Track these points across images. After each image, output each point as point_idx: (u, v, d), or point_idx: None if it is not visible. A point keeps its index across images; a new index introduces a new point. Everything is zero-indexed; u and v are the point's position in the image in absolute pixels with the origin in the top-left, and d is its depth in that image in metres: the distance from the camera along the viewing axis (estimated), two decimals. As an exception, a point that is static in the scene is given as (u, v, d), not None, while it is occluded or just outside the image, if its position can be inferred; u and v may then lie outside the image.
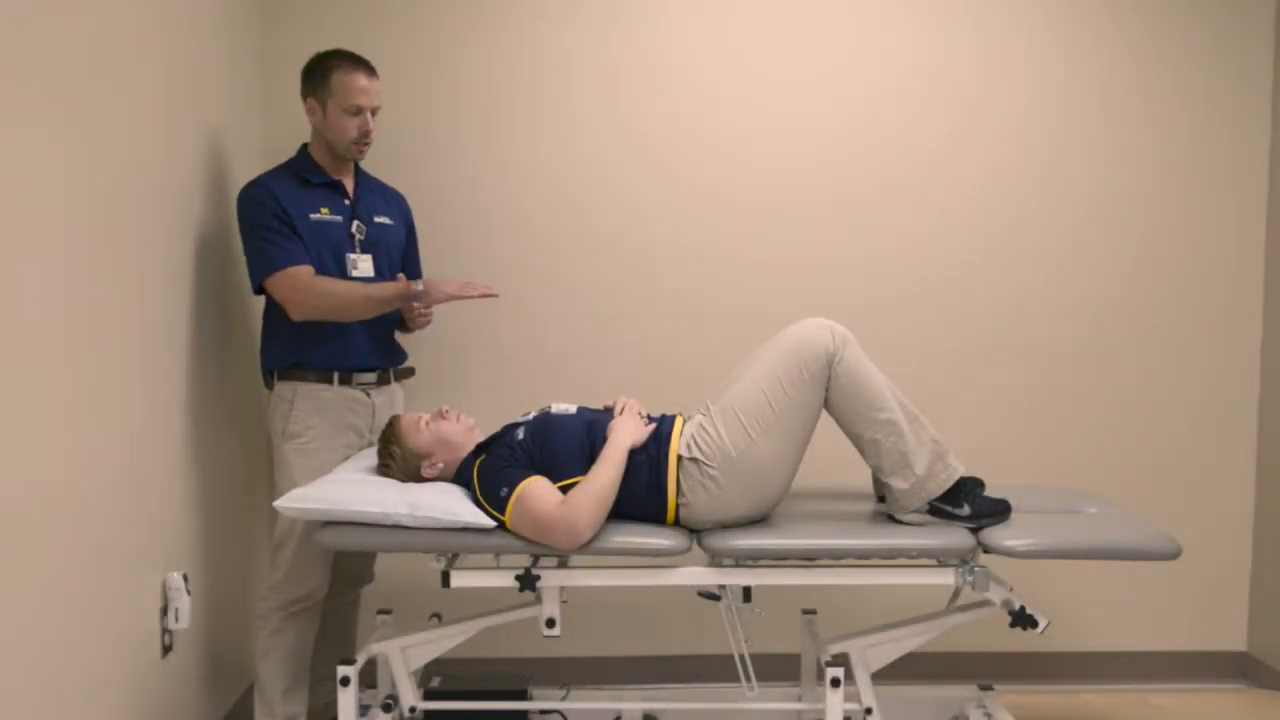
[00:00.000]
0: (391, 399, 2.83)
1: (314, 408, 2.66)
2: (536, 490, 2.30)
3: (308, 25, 3.15)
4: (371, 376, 2.74)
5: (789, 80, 3.24)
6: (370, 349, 2.73)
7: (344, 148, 2.69)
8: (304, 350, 2.65)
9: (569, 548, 2.29)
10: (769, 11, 3.23)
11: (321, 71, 2.66)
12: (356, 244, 2.71)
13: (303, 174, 2.70)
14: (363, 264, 2.71)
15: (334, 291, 2.60)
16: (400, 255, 2.85)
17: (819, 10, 3.24)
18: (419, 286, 2.63)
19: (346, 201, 2.73)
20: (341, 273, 2.67)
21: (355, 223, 2.72)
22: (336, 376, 2.68)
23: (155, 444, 2.42)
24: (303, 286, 2.58)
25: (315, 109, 2.68)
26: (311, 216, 2.65)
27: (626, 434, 2.42)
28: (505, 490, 2.31)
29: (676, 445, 2.44)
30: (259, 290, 2.65)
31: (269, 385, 2.73)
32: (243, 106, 3.04)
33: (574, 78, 3.22)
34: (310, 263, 2.61)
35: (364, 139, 2.68)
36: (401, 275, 2.70)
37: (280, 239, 2.59)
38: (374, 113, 2.69)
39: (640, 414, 2.54)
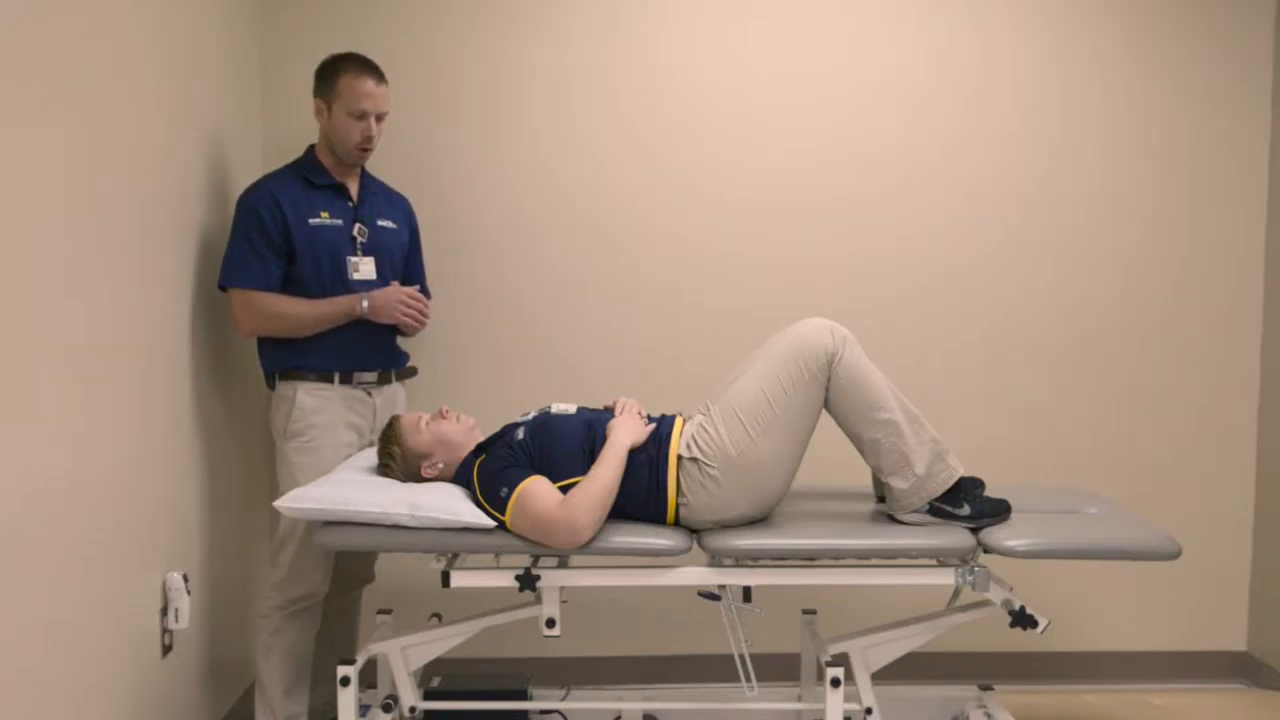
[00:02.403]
0: (393, 399, 2.83)
1: (315, 406, 2.66)
2: (536, 490, 2.30)
3: (308, 25, 3.15)
4: (372, 376, 2.75)
5: (790, 80, 3.24)
6: (367, 352, 2.73)
7: (345, 151, 2.70)
8: (302, 353, 2.66)
9: (569, 547, 2.29)
10: (769, 14, 3.23)
11: (331, 73, 2.68)
12: (358, 247, 2.71)
13: (307, 175, 2.71)
14: (364, 267, 2.71)
15: (283, 313, 2.63)
16: (403, 258, 2.85)
17: (819, 11, 3.24)
18: (365, 303, 2.64)
19: (350, 204, 2.74)
20: (340, 277, 2.68)
21: (357, 225, 2.72)
22: (337, 376, 2.69)
23: (155, 444, 2.42)
24: (254, 310, 2.63)
25: (322, 109, 2.69)
26: (311, 221, 2.66)
27: (626, 433, 2.42)
28: (505, 490, 2.31)
29: (676, 445, 2.44)
30: (222, 287, 2.67)
31: (270, 385, 2.73)
32: (243, 107, 3.04)
33: (575, 78, 3.22)
34: (275, 283, 2.63)
35: (366, 143, 2.69)
36: (396, 284, 2.72)
37: (253, 256, 2.61)
38: (379, 118, 2.70)
39: (640, 414, 2.54)
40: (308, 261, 2.65)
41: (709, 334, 3.26)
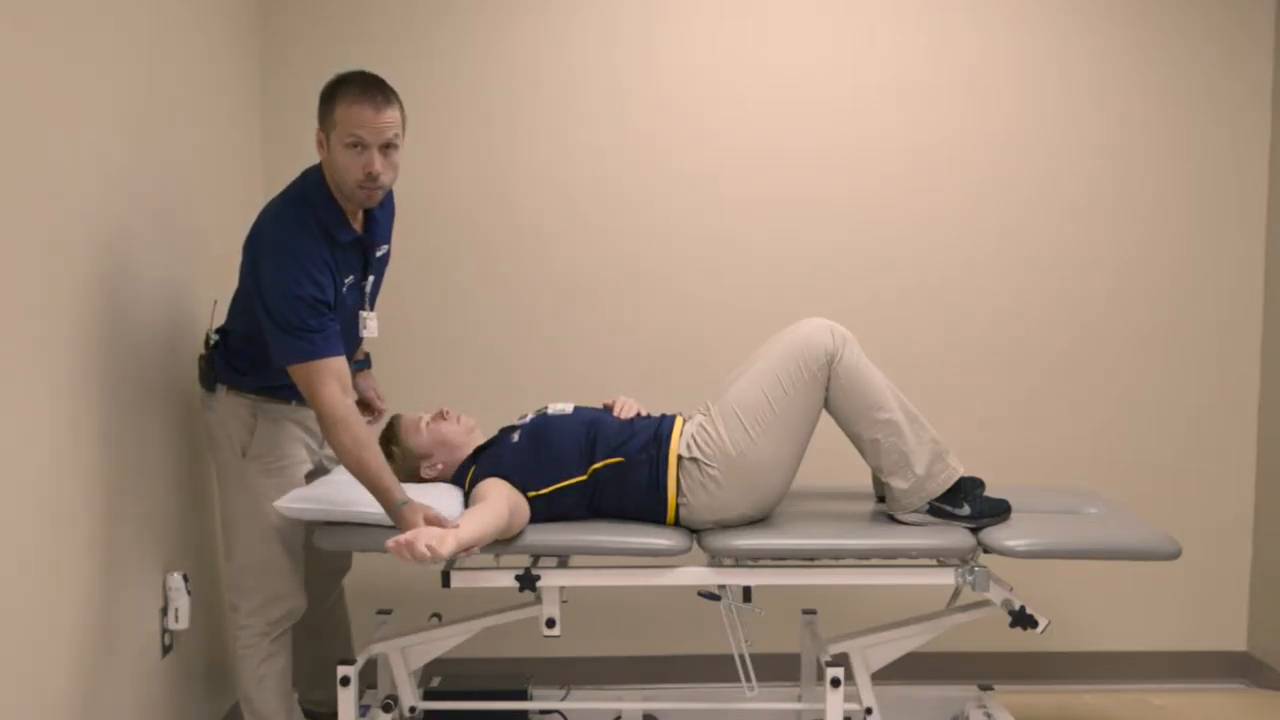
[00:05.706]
0: None
1: (276, 427, 2.46)
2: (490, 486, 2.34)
3: (308, 26, 3.14)
4: None
5: (790, 80, 3.24)
6: None
7: (348, 189, 2.28)
8: (273, 383, 2.40)
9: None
10: (769, 13, 3.23)
11: (329, 96, 2.28)
12: (366, 299, 2.46)
13: (331, 230, 2.30)
14: (371, 323, 2.46)
15: (362, 442, 2.24)
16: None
17: (819, 11, 3.24)
18: (399, 510, 2.21)
19: (361, 254, 2.43)
20: (351, 334, 2.42)
21: (370, 278, 2.46)
22: (295, 400, 2.46)
23: (155, 444, 2.42)
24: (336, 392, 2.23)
25: (321, 141, 2.30)
26: (342, 290, 2.37)
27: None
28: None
29: (676, 445, 2.44)
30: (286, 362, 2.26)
31: (207, 387, 2.45)
32: (243, 109, 3.04)
33: (575, 78, 3.22)
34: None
35: (369, 181, 2.25)
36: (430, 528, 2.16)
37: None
38: (385, 148, 2.26)
39: (640, 412, 2.55)
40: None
41: (709, 334, 3.26)
